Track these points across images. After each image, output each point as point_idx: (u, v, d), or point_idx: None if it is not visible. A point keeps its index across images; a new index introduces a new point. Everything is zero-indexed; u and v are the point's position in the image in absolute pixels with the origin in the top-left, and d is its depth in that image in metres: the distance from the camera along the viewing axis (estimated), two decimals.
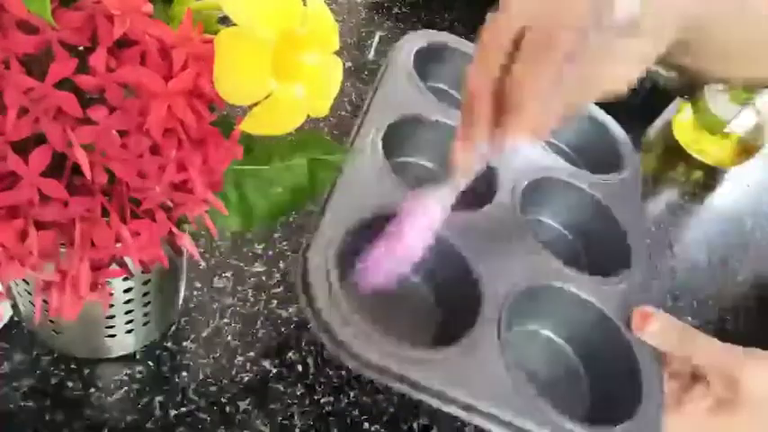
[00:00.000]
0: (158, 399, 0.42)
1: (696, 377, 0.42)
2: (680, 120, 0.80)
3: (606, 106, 0.63)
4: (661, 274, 0.65)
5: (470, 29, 0.82)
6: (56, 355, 0.42)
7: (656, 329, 0.43)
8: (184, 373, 0.43)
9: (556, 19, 0.35)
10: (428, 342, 0.45)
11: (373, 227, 0.44)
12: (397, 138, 0.52)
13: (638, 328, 0.44)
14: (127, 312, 0.39)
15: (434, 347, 0.41)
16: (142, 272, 0.37)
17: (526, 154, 0.55)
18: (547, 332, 0.49)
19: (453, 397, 0.38)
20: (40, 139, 0.24)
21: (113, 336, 0.41)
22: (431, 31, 0.63)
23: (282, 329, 0.48)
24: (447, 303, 0.47)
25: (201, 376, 0.44)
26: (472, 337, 0.41)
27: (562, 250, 0.52)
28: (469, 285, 0.44)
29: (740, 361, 0.41)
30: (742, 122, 0.74)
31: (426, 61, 0.60)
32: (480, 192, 0.51)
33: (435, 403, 0.38)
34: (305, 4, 0.26)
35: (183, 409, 0.42)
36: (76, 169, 0.24)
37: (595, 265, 0.51)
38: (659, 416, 0.41)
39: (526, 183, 0.53)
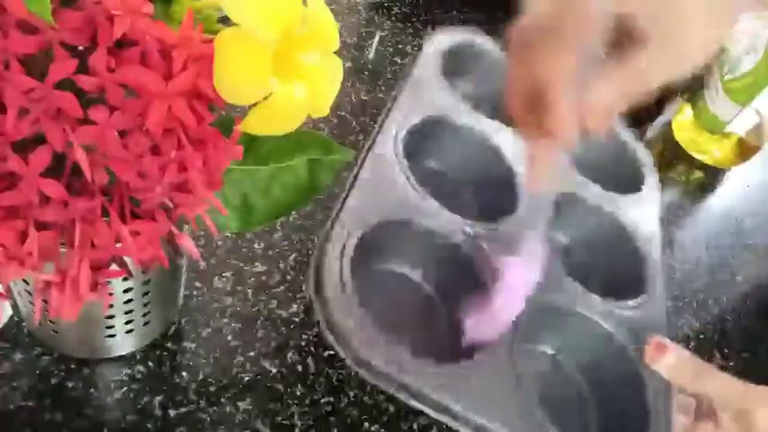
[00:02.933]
0: (158, 399, 0.42)
1: (705, 411, 0.41)
2: (680, 120, 0.80)
3: None
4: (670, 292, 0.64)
5: (470, 29, 0.82)
6: (56, 355, 0.42)
7: (671, 363, 0.42)
8: (184, 373, 0.43)
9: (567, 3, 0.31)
10: (437, 352, 0.44)
11: (389, 231, 0.44)
12: (418, 141, 0.51)
13: (652, 359, 0.42)
14: (127, 312, 0.39)
15: (444, 362, 0.40)
16: (142, 272, 0.37)
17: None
18: (555, 353, 0.48)
19: (457, 412, 0.38)
20: (40, 139, 0.24)
21: (113, 336, 0.41)
22: (458, 29, 0.62)
23: (282, 329, 0.48)
24: (458, 314, 0.46)
25: (201, 376, 0.44)
26: (482, 354, 0.40)
27: (576, 271, 0.51)
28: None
29: (754, 398, 0.39)
30: (742, 122, 0.74)
31: (455, 62, 0.59)
32: (500, 201, 0.50)
33: (440, 417, 0.38)
34: (305, 4, 0.26)
35: (183, 409, 0.42)
36: (76, 169, 0.24)
37: (609, 289, 0.50)
38: None
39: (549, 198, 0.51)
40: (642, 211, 0.56)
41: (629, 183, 0.59)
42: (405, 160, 0.48)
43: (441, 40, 0.59)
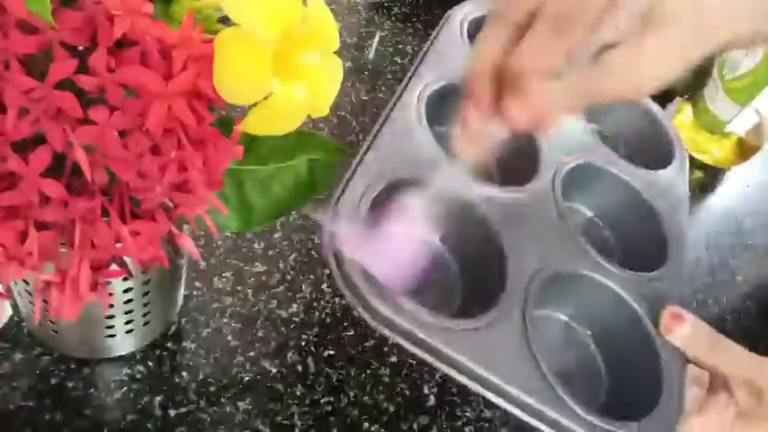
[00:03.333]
0: (158, 399, 0.42)
1: (719, 383, 0.41)
2: (680, 120, 0.80)
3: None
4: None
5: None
6: (56, 355, 0.42)
7: (686, 333, 0.42)
8: (184, 373, 0.43)
9: None
10: (450, 313, 0.43)
11: (400, 191, 0.42)
12: (440, 105, 0.51)
13: (667, 329, 0.42)
14: (127, 312, 0.39)
15: (456, 318, 0.40)
16: (142, 272, 0.37)
17: (575, 136, 0.54)
18: (568, 320, 0.48)
19: (469, 368, 0.37)
20: (40, 139, 0.24)
21: (113, 336, 0.41)
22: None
23: (282, 329, 0.48)
24: (472, 277, 0.46)
25: (201, 376, 0.44)
26: (494, 314, 0.40)
27: (596, 241, 0.50)
28: (496, 262, 0.43)
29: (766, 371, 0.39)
30: (742, 122, 0.74)
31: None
32: (522, 168, 0.50)
33: (451, 372, 0.37)
34: (305, 4, 0.26)
35: (183, 409, 0.42)
36: (76, 169, 0.24)
37: (628, 261, 0.50)
38: (677, 419, 0.40)
39: (568, 168, 0.51)
40: (669, 188, 0.56)
41: (656, 158, 0.59)
42: (426, 122, 0.47)
43: (468, 10, 0.59)
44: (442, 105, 0.51)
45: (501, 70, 0.33)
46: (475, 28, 0.58)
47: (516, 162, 0.49)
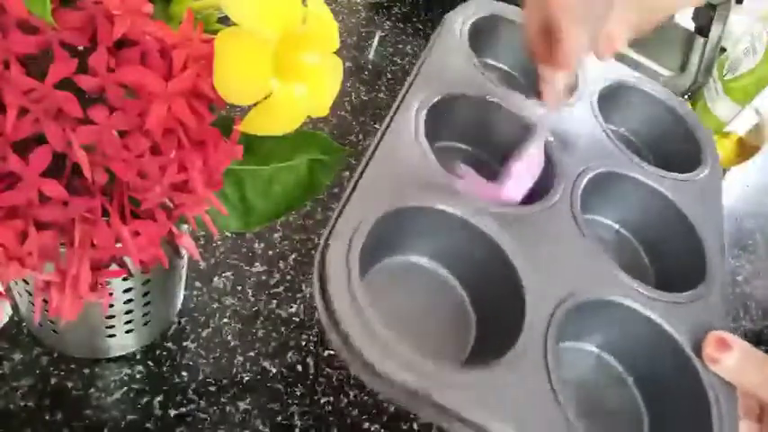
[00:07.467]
0: (158, 399, 0.42)
1: None
2: None
3: None
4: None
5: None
6: (56, 355, 0.42)
7: (733, 363, 0.37)
8: (184, 373, 0.43)
9: None
10: (463, 356, 0.40)
11: (405, 218, 0.39)
12: (440, 119, 0.47)
13: (712, 359, 0.37)
14: (127, 312, 0.39)
15: (471, 367, 0.36)
16: (142, 272, 0.36)
17: (592, 140, 0.50)
18: (599, 351, 0.43)
19: (491, 429, 0.32)
20: (40, 139, 0.24)
21: (113, 336, 0.41)
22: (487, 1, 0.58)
23: (282, 329, 0.48)
24: (486, 310, 0.42)
25: (201, 376, 0.44)
26: (512, 357, 0.35)
27: (625, 257, 0.46)
28: (512, 292, 0.39)
29: None
30: (742, 122, 0.74)
31: (481, 35, 0.56)
32: (537, 184, 0.46)
33: None
34: (305, 4, 0.26)
35: (183, 409, 0.42)
36: (76, 169, 0.24)
37: (664, 279, 0.46)
38: None
39: (588, 177, 0.47)
40: (702, 194, 0.50)
41: (685, 161, 0.53)
42: (425, 140, 0.43)
43: (466, 12, 0.55)
44: (441, 120, 0.48)
45: (545, 30, 0.41)
46: (474, 31, 0.54)
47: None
